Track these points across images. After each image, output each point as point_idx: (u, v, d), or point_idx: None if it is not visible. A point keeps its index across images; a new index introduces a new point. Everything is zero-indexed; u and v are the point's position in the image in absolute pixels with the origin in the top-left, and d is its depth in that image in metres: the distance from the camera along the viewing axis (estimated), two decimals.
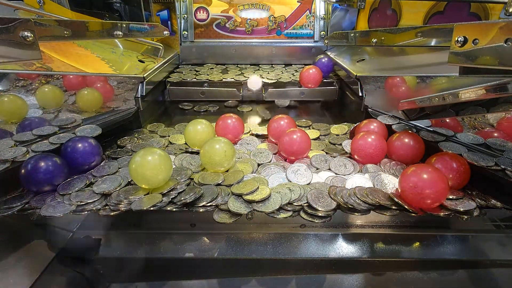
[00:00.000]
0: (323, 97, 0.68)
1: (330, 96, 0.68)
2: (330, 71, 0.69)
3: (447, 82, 0.42)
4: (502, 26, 0.25)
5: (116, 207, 0.32)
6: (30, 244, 0.34)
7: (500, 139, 0.38)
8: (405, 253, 0.35)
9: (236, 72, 0.72)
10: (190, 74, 0.70)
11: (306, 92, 0.67)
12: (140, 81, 0.53)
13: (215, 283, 0.31)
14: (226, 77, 0.68)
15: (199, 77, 0.68)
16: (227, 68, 0.76)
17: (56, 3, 0.61)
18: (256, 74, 0.70)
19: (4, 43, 0.30)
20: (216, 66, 0.77)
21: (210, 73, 0.71)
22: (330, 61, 0.68)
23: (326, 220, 0.31)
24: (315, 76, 0.64)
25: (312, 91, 0.67)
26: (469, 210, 0.32)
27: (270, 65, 0.79)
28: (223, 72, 0.72)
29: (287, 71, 0.73)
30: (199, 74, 0.70)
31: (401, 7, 0.56)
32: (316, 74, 0.64)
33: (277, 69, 0.75)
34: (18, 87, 0.51)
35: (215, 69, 0.74)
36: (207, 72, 0.71)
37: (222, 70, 0.74)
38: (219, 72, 0.72)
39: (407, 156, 0.40)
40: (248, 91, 0.68)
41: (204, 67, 0.76)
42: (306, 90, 0.67)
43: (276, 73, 0.72)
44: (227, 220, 0.31)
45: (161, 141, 0.47)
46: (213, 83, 0.67)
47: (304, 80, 0.65)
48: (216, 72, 0.72)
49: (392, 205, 0.32)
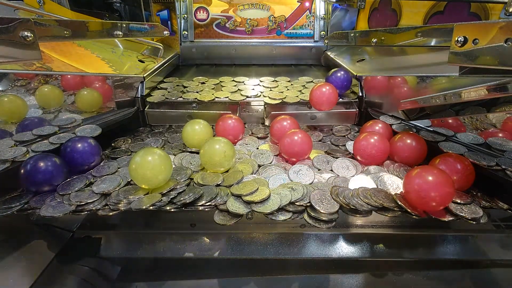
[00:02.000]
0: (339, 122, 0.54)
1: (348, 121, 0.54)
2: (347, 87, 0.54)
3: (447, 82, 0.42)
4: (502, 26, 0.25)
5: (115, 207, 0.32)
6: (30, 244, 0.34)
7: (501, 139, 0.38)
8: (405, 253, 0.35)
9: (231, 89, 0.58)
10: (176, 91, 0.56)
11: (318, 116, 0.54)
12: (140, 81, 0.53)
13: (215, 283, 0.31)
14: (220, 95, 0.55)
15: (186, 95, 0.54)
16: (221, 82, 0.62)
17: (56, 3, 0.61)
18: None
19: (4, 43, 0.30)
20: (208, 81, 0.63)
21: (201, 89, 0.57)
22: (347, 75, 0.54)
23: (330, 226, 0.31)
24: (329, 96, 0.49)
25: (326, 115, 0.54)
26: (477, 217, 0.31)
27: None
28: (216, 89, 0.58)
29: (293, 86, 0.60)
30: (187, 92, 0.56)
31: (401, 7, 0.56)
32: (330, 93, 0.49)
33: (281, 83, 0.61)
34: (17, 87, 0.51)
35: (206, 84, 0.61)
36: (196, 89, 0.57)
37: (215, 86, 0.60)
38: (210, 89, 0.58)
39: (410, 158, 0.39)
40: (246, 112, 0.55)
41: (194, 81, 0.62)
42: (318, 113, 0.53)
43: (279, 89, 0.58)
44: (228, 222, 0.31)
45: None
46: (203, 104, 0.53)
47: (315, 100, 0.50)
48: (207, 88, 0.58)
49: (395, 207, 0.32)
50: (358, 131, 0.50)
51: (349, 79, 0.54)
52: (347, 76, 0.54)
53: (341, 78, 0.53)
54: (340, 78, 0.53)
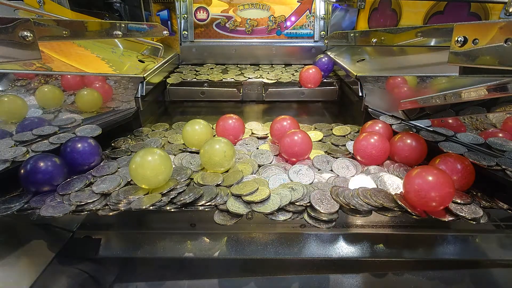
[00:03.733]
0: (323, 97, 0.69)
1: (330, 96, 0.68)
2: (330, 70, 0.68)
3: (447, 82, 0.42)
4: (502, 26, 0.25)
5: (115, 207, 0.32)
6: (30, 244, 0.34)
7: (501, 139, 0.38)
8: (405, 253, 0.35)
9: (236, 72, 0.71)
10: (190, 74, 0.70)
11: (306, 92, 0.68)
12: (140, 81, 0.53)
13: (215, 283, 0.31)
14: (226, 77, 0.68)
15: (199, 77, 0.68)
16: (227, 68, 0.75)
17: (56, 3, 0.61)
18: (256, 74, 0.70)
19: (4, 43, 0.30)
20: (216, 66, 0.77)
21: (210, 73, 0.71)
22: (330, 60, 0.68)
23: (330, 226, 0.31)
24: (315, 76, 0.64)
25: (312, 91, 0.68)
26: (477, 217, 0.31)
27: (270, 65, 0.79)
28: (223, 72, 0.72)
29: (287, 71, 0.73)
30: (199, 74, 0.70)
31: (401, 7, 0.56)
32: (315, 74, 0.64)
33: (277, 69, 0.75)
34: (17, 87, 0.51)
35: (215, 69, 0.74)
36: (207, 72, 0.71)
37: (222, 70, 0.73)
38: (219, 72, 0.71)
39: (410, 158, 0.39)
40: (248, 91, 0.68)
41: (204, 67, 0.76)
42: (306, 90, 0.67)
43: (276, 73, 0.71)
44: (228, 222, 0.31)
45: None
46: (213, 83, 0.67)
47: (303, 80, 0.64)
48: (216, 72, 0.72)
49: (395, 207, 0.32)
50: (358, 131, 0.51)
51: (332, 63, 0.68)
52: (330, 60, 0.68)
53: (325, 63, 0.68)
54: (324, 62, 0.68)
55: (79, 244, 0.35)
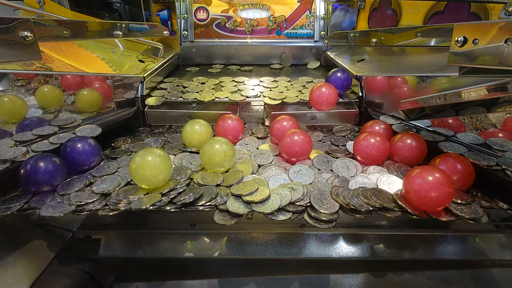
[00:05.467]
0: (340, 121, 0.54)
1: (349, 121, 0.54)
2: (348, 88, 0.54)
3: (447, 82, 0.42)
4: (502, 26, 0.25)
5: (115, 207, 0.32)
6: (30, 244, 0.34)
7: (501, 139, 0.38)
8: (405, 253, 0.35)
9: (231, 89, 0.58)
10: (176, 91, 0.56)
11: (318, 116, 0.54)
12: (140, 81, 0.53)
13: (215, 283, 0.31)
14: (220, 95, 0.55)
15: (186, 95, 0.54)
16: (221, 83, 0.62)
17: (56, 3, 0.61)
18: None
19: (4, 43, 0.30)
20: (208, 81, 0.63)
21: (201, 89, 0.57)
22: (347, 75, 0.53)
23: (330, 226, 0.31)
24: (329, 97, 0.49)
25: (326, 115, 0.53)
26: (477, 217, 0.31)
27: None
28: (216, 89, 0.58)
29: (292, 86, 0.60)
30: (186, 92, 0.56)
31: (401, 7, 0.56)
32: (330, 94, 0.49)
33: (281, 83, 0.61)
34: (17, 87, 0.51)
35: (206, 84, 0.61)
36: (196, 89, 0.57)
37: (215, 87, 0.60)
38: (210, 89, 0.58)
39: (410, 158, 0.39)
40: (246, 113, 0.55)
41: (194, 81, 0.62)
42: (318, 113, 0.53)
43: (279, 89, 0.58)
44: (228, 222, 0.31)
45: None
46: (203, 104, 0.53)
47: (315, 100, 0.50)
48: (207, 88, 0.58)
49: (395, 207, 0.32)
50: (358, 131, 0.50)
51: (349, 79, 0.53)
52: (347, 76, 0.53)
53: (341, 78, 0.53)
54: (340, 78, 0.53)
55: (79, 244, 0.35)
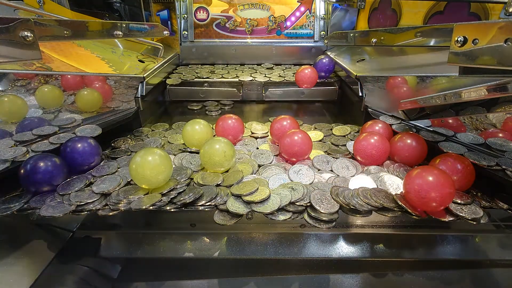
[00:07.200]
0: (323, 97, 0.69)
1: (330, 96, 0.69)
2: (331, 71, 0.69)
3: (447, 82, 0.42)
4: (502, 26, 0.25)
5: (115, 207, 0.32)
6: (30, 244, 0.34)
7: (501, 139, 0.38)
8: (405, 253, 0.35)
9: (236, 72, 0.72)
10: (190, 74, 0.71)
11: (306, 92, 0.68)
12: (140, 81, 0.53)
13: (215, 283, 0.31)
14: (227, 77, 0.69)
15: (199, 76, 0.69)
16: (227, 69, 0.76)
17: (56, 3, 0.61)
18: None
19: (4, 43, 0.30)
20: (214, 67, 0.78)
21: (211, 71, 0.73)
22: (331, 61, 0.68)
23: (330, 226, 0.31)
24: (310, 76, 0.64)
25: (312, 91, 0.68)
26: (477, 217, 0.31)
27: (271, 67, 0.78)
28: (223, 73, 0.72)
29: (288, 71, 0.74)
30: (200, 74, 0.71)
31: (401, 7, 0.56)
32: (311, 74, 0.64)
33: (278, 68, 0.76)
34: (17, 87, 0.51)
35: (215, 69, 0.75)
36: (206, 74, 0.71)
37: (222, 70, 0.74)
38: (219, 73, 0.72)
39: (410, 158, 0.39)
40: (248, 91, 0.69)
41: (204, 67, 0.77)
42: (306, 90, 0.67)
43: (277, 72, 0.72)
44: (228, 222, 0.31)
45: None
46: (213, 83, 0.68)
47: (299, 80, 0.65)
48: (216, 72, 0.73)
49: (395, 207, 0.32)
50: (358, 131, 0.50)
51: (333, 65, 0.67)
52: (331, 62, 0.68)
53: (325, 64, 0.67)
54: (325, 63, 0.67)
55: (79, 244, 0.35)
